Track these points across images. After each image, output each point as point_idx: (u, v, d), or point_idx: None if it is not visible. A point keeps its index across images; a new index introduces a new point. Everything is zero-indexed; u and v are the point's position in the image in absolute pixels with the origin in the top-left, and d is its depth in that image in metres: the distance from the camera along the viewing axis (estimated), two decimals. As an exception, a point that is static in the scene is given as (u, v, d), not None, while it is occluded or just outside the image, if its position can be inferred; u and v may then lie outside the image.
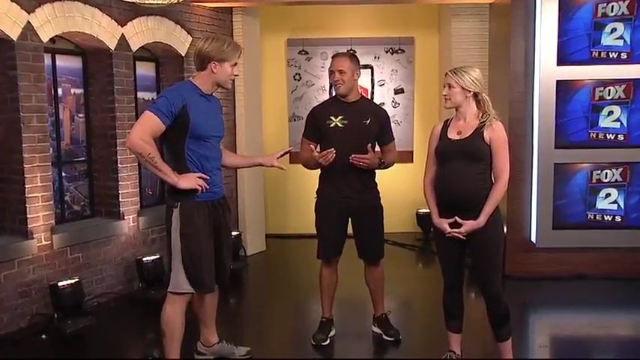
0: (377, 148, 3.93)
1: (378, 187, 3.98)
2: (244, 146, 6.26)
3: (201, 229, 3.25)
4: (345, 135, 3.80)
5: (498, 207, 3.28)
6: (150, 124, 3.09)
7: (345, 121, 3.83)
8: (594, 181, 5.18)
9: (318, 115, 3.94)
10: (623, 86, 5.07)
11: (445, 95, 3.30)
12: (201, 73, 3.29)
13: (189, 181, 3.18)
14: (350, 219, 3.93)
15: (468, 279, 3.64)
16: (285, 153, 3.68)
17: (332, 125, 3.84)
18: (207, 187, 3.23)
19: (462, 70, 3.26)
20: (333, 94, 4.07)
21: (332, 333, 4.09)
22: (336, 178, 3.84)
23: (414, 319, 4.72)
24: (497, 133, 3.22)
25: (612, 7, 5.01)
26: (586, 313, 4.73)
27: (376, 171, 3.93)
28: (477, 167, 3.23)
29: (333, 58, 3.95)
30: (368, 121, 3.84)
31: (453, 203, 3.27)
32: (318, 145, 3.91)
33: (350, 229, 3.98)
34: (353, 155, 3.70)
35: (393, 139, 4.03)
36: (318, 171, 3.96)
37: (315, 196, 4.01)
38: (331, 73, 3.88)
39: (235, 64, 3.29)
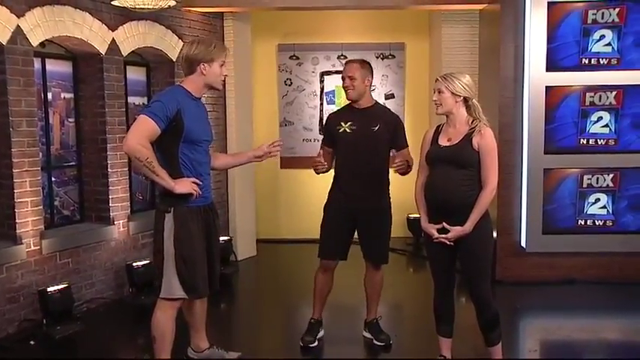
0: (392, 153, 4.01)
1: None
2: (235, 151, 6.25)
3: (195, 235, 3.25)
4: (353, 140, 3.87)
5: (488, 212, 3.30)
6: (146, 128, 3.07)
7: (354, 127, 3.88)
8: (584, 186, 5.22)
9: (331, 122, 4.03)
10: (614, 92, 5.11)
11: (435, 101, 3.31)
12: (190, 77, 3.28)
13: (185, 185, 3.18)
14: (356, 223, 3.95)
15: (458, 284, 3.64)
16: (275, 144, 3.64)
17: (341, 131, 3.91)
18: (201, 192, 3.24)
19: (451, 75, 3.29)
20: (325, 100, 4.10)
21: (320, 334, 4.10)
22: (343, 182, 3.91)
23: (405, 324, 4.72)
24: (485, 140, 3.22)
25: (603, 13, 5.06)
26: (576, 317, 4.75)
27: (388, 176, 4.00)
28: (465, 173, 3.24)
29: (345, 64, 4.01)
30: (376, 128, 3.87)
31: (440, 208, 3.30)
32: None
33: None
34: (396, 163, 3.78)
35: (407, 145, 4.03)
36: (321, 176, 3.99)
37: (327, 197, 4.06)
38: (343, 78, 3.92)
39: (223, 63, 3.30)
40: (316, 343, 4.03)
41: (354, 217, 3.92)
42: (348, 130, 3.89)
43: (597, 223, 5.25)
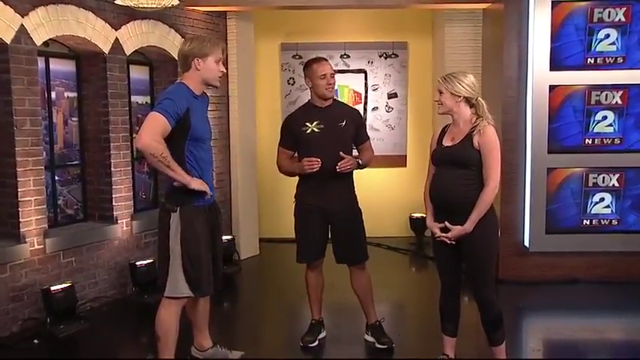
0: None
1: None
2: (238, 150, 6.26)
3: (201, 233, 3.26)
4: (323, 140, 3.81)
5: (494, 212, 3.31)
6: (159, 124, 3.07)
7: (321, 126, 3.84)
8: (589, 185, 5.20)
9: (294, 123, 3.94)
10: (620, 92, 5.10)
11: (437, 101, 3.35)
12: (187, 74, 3.29)
13: (200, 182, 3.20)
14: (329, 224, 3.94)
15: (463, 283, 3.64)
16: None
17: (308, 131, 3.85)
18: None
19: (452, 75, 3.30)
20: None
21: (322, 335, 4.10)
22: (315, 184, 3.85)
23: (407, 323, 4.72)
24: (485, 138, 3.22)
25: (609, 12, 5.05)
26: (579, 317, 4.75)
27: (358, 175, 3.96)
28: (467, 173, 3.25)
29: (316, 62, 3.85)
30: (343, 124, 3.86)
31: (444, 208, 3.31)
32: (296, 153, 3.94)
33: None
34: (339, 165, 3.71)
35: (368, 138, 4.05)
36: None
37: (294, 200, 4.03)
38: (323, 76, 3.81)
39: (220, 59, 3.30)
40: (316, 343, 4.03)
41: (328, 218, 3.90)
42: (316, 130, 3.83)
43: (602, 223, 5.25)
